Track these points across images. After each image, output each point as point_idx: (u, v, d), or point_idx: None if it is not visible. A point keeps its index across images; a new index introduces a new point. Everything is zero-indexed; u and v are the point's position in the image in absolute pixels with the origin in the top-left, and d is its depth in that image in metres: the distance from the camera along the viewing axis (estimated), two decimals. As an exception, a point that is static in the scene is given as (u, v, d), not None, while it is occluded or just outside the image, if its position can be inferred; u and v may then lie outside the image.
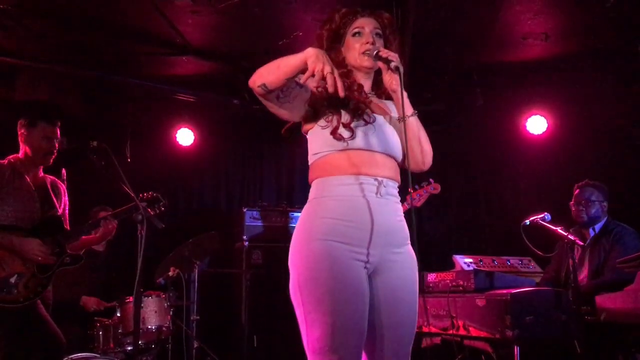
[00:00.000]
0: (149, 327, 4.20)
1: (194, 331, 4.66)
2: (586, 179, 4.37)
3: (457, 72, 5.36)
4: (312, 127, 2.22)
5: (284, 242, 5.45)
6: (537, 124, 5.63)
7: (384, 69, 2.17)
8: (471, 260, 4.42)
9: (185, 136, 6.03)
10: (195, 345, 4.62)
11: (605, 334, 3.57)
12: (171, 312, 4.39)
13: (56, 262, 3.49)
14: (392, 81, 2.16)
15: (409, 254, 2.18)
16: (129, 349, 4.08)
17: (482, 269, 4.22)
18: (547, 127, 5.61)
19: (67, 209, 3.75)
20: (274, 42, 4.83)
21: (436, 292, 3.98)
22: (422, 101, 2.29)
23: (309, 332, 2.01)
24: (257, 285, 5.49)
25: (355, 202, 2.08)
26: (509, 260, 4.59)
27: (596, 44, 4.95)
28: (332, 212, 2.08)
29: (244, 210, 5.75)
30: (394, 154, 2.20)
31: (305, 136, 2.32)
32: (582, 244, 3.90)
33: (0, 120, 4.30)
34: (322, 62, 1.93)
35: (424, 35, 4.66)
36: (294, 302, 2.09)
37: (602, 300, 3.56)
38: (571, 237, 3.67)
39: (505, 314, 3.29)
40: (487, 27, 4.67)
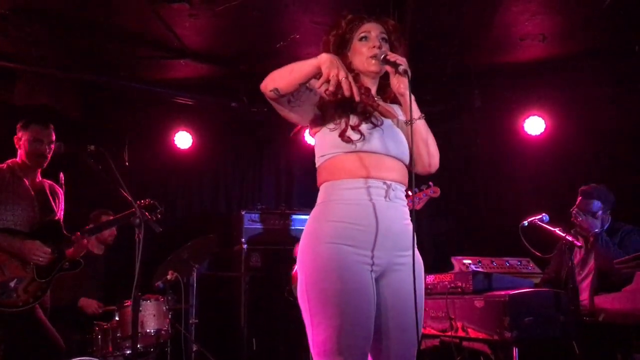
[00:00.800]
0: (148, 330, 4.19)
1: (192, 334, 4.65)
2: (584, 179, 4.36)
3: (455, 74, 5.37)
4: (320, 129, 2.24)
5: (283, 245, 5.61)
6: (535, 125, 5.63)
7: (391, 72, 2.19)
8: (470, 261, 4.41)
9: (183, 139, 6.02)
10: (194, 348, 4.62)
11: (603, 335, 3.57)
12: (170, 316, 4.38)
13: (55, 266, 3.49)
14: (399, 84, 2.18)
15: (416, 257, 2.18)
16: (128, 352, 4.06)
17: (481, 270, 4.22)
18: (545, 128, 5.61)
19: (62, 214, 3.75)
20: (272, 45, 4.83)
21: (435, 293, 3.98)
22: (420, 102, 2.29)
23: (314, 334, 2.04)
24: (255, 288, 5.49)
25: (363, 206, 2.10)
26: (507, 261, 4.59)
27: (593, 45, 4.96)
28: (340, 216, 2.09)
29: (243, 213, 5.75)
30: (402, 156, 2.22)
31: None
32: (579, 244, 3.89)
33: (-1, 124, 4.31)
34: (336, 67, 1.95)
35: (422, 36, 4.67)
36: (300, 304, 2.12)
37: (601, 301, 3.56)
38: (569, 238, 3.66)
39: (503, 315, 3.28)
40: (484, 29, 4.69)
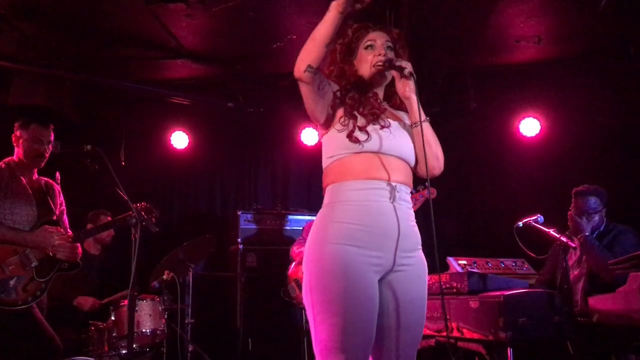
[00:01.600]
0: (144, 330, 4.20)
1: (188, 334, 4.66)
2: (580, 180, 4.37)
3: (450, 75, 5.38)
4: (328, 131, 2.28)
5: (279, 245, 5.62)
6: (530, 126, 5.65)
7: (397, 76, 2.26)
8: (465, 262, 4.43)
9: (179, 139, 6.03)
10: (190, 348, 4.62)
11: (597, 335, 3.58)
12: (166, 316, 4.39)
13: (53, 267, 3.49)
14: (405, 88, 2.26)
15: (419, 259, 2.25)
16: (124, 352, 4.07)
17: (476, 271, 4.23)
18: (540, 130, 5.62)
19: (64, 209, 3.76)
20: (268, 45, 4.85)
21: (430, 294, 3.97)
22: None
23: (318, 332, 2.07)
24: (251, 288, 5.50)
25: (369, 207, 2.13)
26: (502, 262, 4.60)
27: (589, 47, 4.98)
28: (346, 217, 2.13)
29: (239, 213, 5.75)
30: (408, 158, 2.26)
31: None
32: (574, 245, 3.90)
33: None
34: None
35: (417, 38, 4.68)
36: (305, 304, 2.16)
37: (595, 301, 3.58)
38: (564, 239, 3.68)
39: (498, 316, 3.29)
40: (480, 30, 4.70)
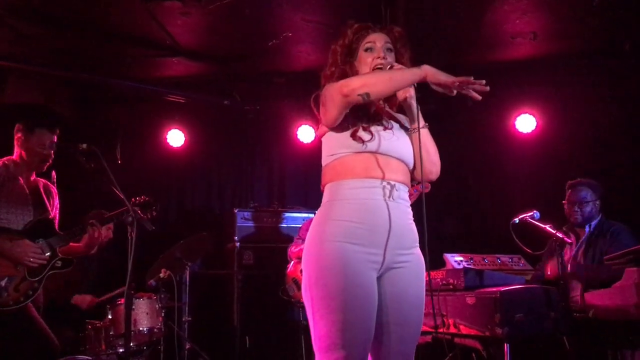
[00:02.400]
0: (141, 328, 4.19)
1: (185, 332, 4.65)
2: (575, 176, 4.39)
3: (446, 72, 5.37)
4: (329, 130, 2.29)
5: (276, 243, 5.62)
6: (526, 123, 5.65)
7: None
8: (462, 258, 4.43)
9: (175, 137, 6.02)
10: (187, 346, 4.62)
11: (593, 331, 3.60)
12: (163, 314, 4.38)
13: (47, 265, 3.48)
14: (405, 94, 2.27)
15: (417, 256, 2.26)
16: (121, 350, 4.06)
17: (472, 267, 4.24)
18: (536, 126, 5.63)
19: (57, 212, 3.75)
20: (264, 43, 4.84)
21: (427, 290, 3.98)
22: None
23: (317, 329, 2.09)
24: (248, 285, 5.50)
25: (367, 205, 2.15)
26: (499, 258, 4.61)
27: (584, 43, 4.99)
28: (345, 215, 2.14)
29: (235, 211, 5.75)
30: (407, 160, 2.28)
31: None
32: (570, 241, 3.91)
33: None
34: (446, 75, 2.14)
35: (413, 35, 4.67)
36: (304, 300, 2.17)
37: (591, 297, 3.59)
38: (560, 235, 3.69)
39: (495, 312, 3.30)
40: (475, 27, 4.71)
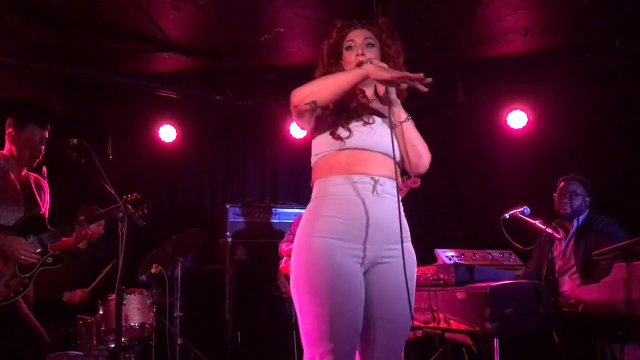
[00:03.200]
0: (132, 324, 4.19)
1: (177, 328, 4.66)
2: (566, 172, 4.42)
3: (438, 68, 5.39)
4: (314, 130, 2.32)
5: (267, 238, 5.62)
6: (517, 119, 5.68)
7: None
8: (453, 253, 4.45)
9: (167, 133, 6.00)
10: (178, 341, 4.62)
11: (582, 326, 3.62)
12: (154, 309, 4.38)
13: (38, 261, 3.47)
14: (384, 91, 2.26)
15: (407, 251, 2.24)
16: (112, 346, 4.06)
17: (463, 262, 4.26)
18: (528, 122, 5.65)
19: (47, 207, 3.73)
20: (256, 38, 4.83)
21: (417, 285, 3.98)
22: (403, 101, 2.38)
23: (304, 324, 2.11)
24: (240, 281, 5.51)
25: (350, 201, 2.17)
26: (490, 253, 4.63)
27: (575, 39, 5.00)
28: (330, 211, 2.17)
29: (227, 206, 5.75)
30: (392, 153, 2.26)
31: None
32: (559, 236, 3.94)
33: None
34: (388, 71, 2.11)
35: (404, 31, 4.67)
36: (292, 296, 2.20)
37: (580, 292, 3.62)
38: (549, 231, 3.71)
39: (484, 307, 3.32)
40: (467, 23, 4.71)
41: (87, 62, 5.21)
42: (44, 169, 3.85)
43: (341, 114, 2.25)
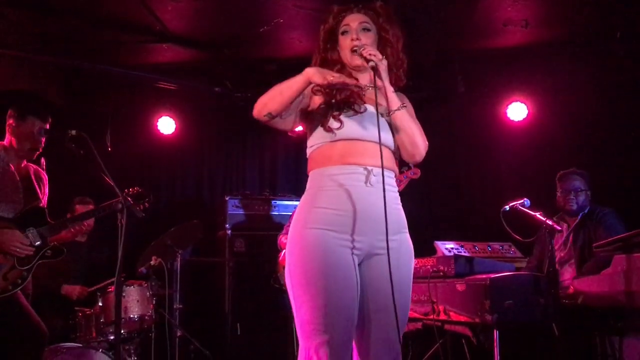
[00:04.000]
0: (131, 316, 4.19)
1: (176, 320, 4.65)
2: (566, 165, 4.41)
3: (438, 59, 5.37)
4: (309, 122, 2.31)
5: (267, 230, 5.62)
6: (517, 111, 5.66)
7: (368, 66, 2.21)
8: (452, 245, 4.46)
9: (166, 125, 5.97)
10: (178, 334, 4.62)
11: (582, 317, 3.63)
12: (154, 301, 4.38)
13: (36, 254, 3.46)
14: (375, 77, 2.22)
15: (403, 242, 2.24)
16: (111, 338, 4.06)
17: (463, 254, 4.26)
18: (528, 114, 5.64)
19: (46, 199, 3.72)
20: (256, 29, 4.81)
21: (417, 277, 3.99)
22: (403, 88, 2.34)
23: (299, 315, 2.11)
24: (240, 273, 5.50)
25: (343, 192, 2.16)
26: (490, 245, 4.64)
27: (576, 31, 4.98)
28: (323, 202, 2.16)
29: (227, 198, 5.73)
30: (386, 143, 2.23)
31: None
32: (559, 228, 3.94)
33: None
34: (323, 75, 2.10)
35: (404, 22, 4.65)
36: (287, 287, 2.20)
37: (579, 284, 3.62)
38: (549, 223, 3.70)
39: (484, 299, 3.32)
40: (467, 14, 4.69)
41: (85, 53, 5.18)
42: (43, 160, 3.83)
43: (332, 105, 2.22)
